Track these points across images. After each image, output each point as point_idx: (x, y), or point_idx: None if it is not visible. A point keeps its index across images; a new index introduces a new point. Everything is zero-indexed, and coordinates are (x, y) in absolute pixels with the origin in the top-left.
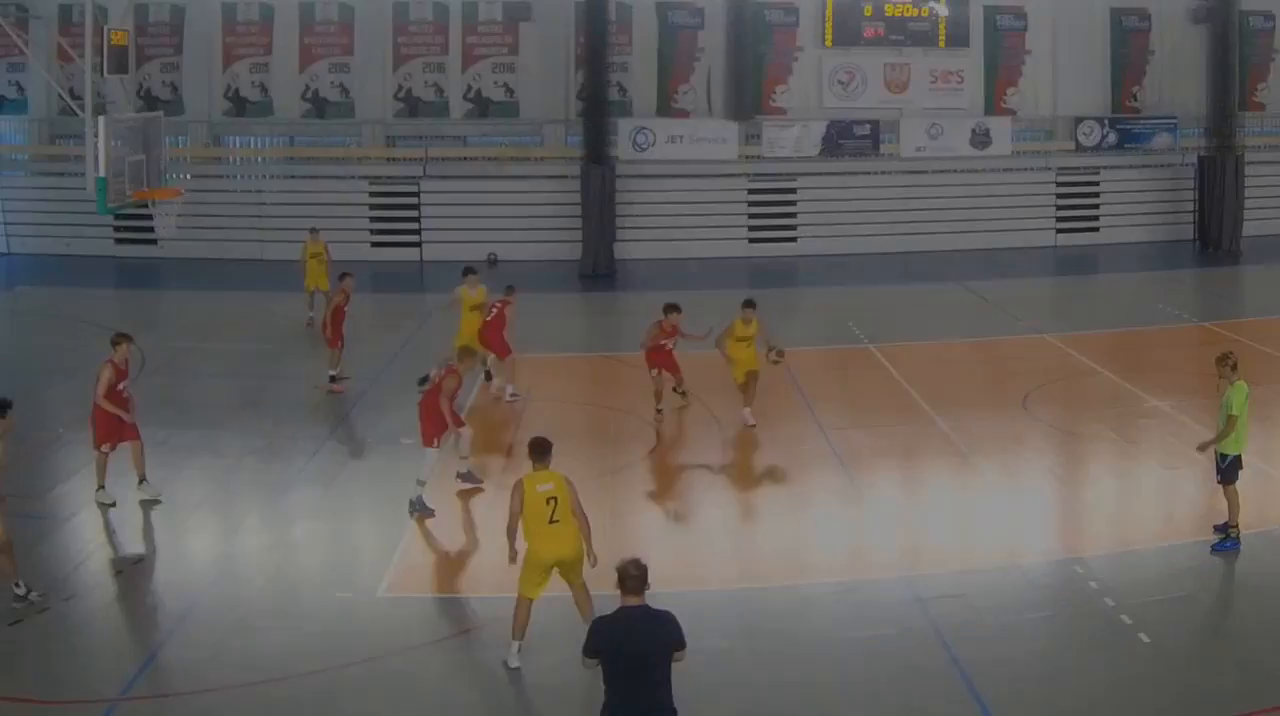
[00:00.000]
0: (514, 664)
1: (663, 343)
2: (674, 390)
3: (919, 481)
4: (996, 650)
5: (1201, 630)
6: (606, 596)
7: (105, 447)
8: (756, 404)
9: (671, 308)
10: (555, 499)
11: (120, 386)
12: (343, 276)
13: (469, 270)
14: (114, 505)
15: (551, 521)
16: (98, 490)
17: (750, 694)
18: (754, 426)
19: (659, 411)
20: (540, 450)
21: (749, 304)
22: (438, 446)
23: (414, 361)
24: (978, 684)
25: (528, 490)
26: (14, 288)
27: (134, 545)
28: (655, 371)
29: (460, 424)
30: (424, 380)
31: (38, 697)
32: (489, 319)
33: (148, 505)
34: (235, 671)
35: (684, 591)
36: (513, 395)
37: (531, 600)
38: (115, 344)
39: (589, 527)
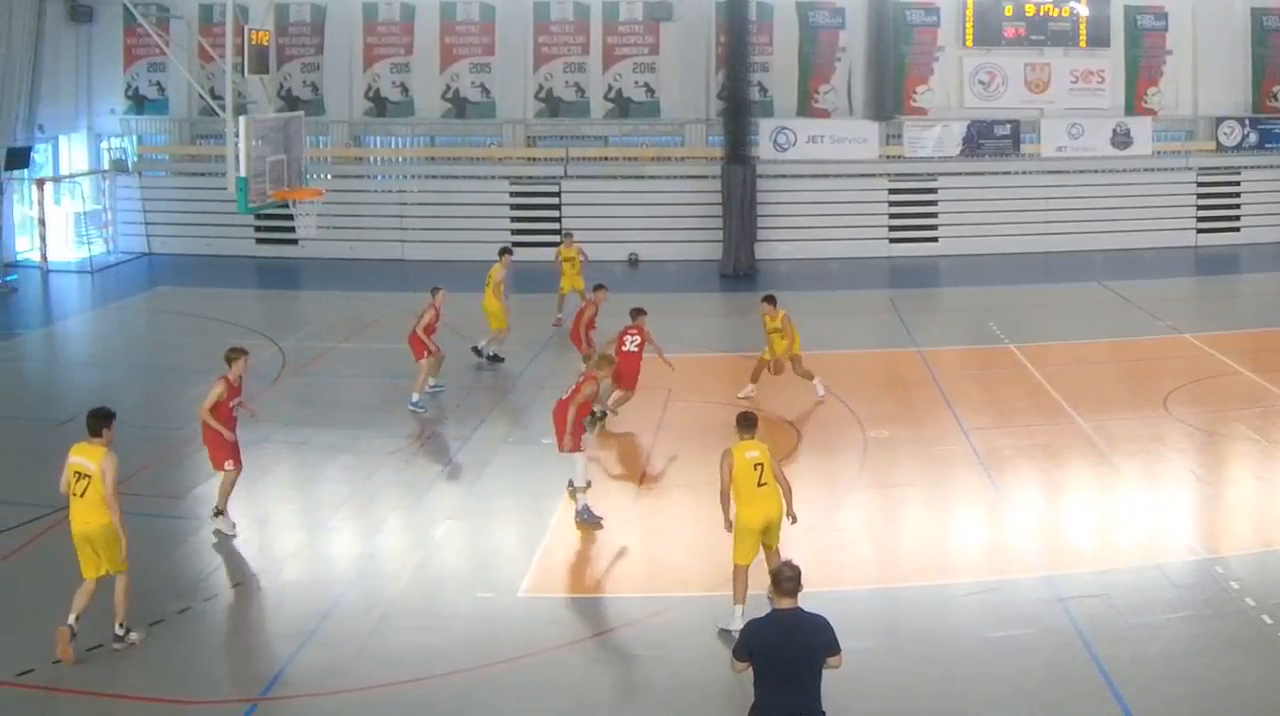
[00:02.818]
0: (735, 626)
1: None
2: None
3: (1060, 481)
4: (1137, 650)
5: None
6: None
7: (229, 466)
8: (900, 401)
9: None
10: (762, 465)
11: (231, 403)
12: (596, 288)
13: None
14: (234, 535)
15: (760, 484)
16: (216, 515)
17: (892, 693)
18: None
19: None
20: (747, 422)
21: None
22: (583, 450)
23: (555, 361)
24: (1118, 683)
25: (737, 457)
26: (155, 288)
27: (275, 545)
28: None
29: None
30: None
31: (180, 697)
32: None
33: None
34: (376, 671)
35: (825, 591)
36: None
37: (747, 567)
38: (231, 360)
39: (790, 490)
